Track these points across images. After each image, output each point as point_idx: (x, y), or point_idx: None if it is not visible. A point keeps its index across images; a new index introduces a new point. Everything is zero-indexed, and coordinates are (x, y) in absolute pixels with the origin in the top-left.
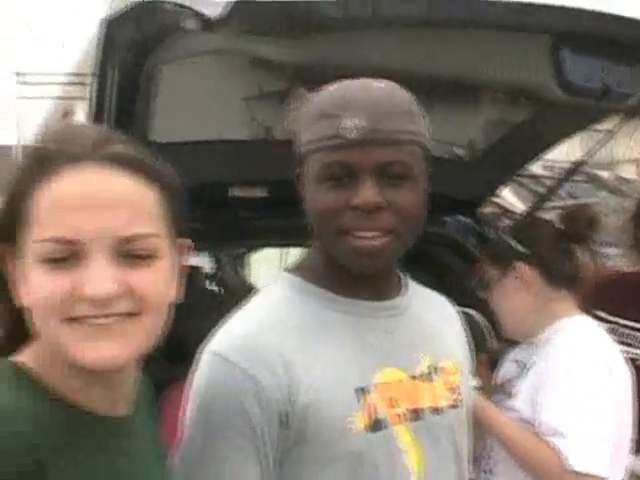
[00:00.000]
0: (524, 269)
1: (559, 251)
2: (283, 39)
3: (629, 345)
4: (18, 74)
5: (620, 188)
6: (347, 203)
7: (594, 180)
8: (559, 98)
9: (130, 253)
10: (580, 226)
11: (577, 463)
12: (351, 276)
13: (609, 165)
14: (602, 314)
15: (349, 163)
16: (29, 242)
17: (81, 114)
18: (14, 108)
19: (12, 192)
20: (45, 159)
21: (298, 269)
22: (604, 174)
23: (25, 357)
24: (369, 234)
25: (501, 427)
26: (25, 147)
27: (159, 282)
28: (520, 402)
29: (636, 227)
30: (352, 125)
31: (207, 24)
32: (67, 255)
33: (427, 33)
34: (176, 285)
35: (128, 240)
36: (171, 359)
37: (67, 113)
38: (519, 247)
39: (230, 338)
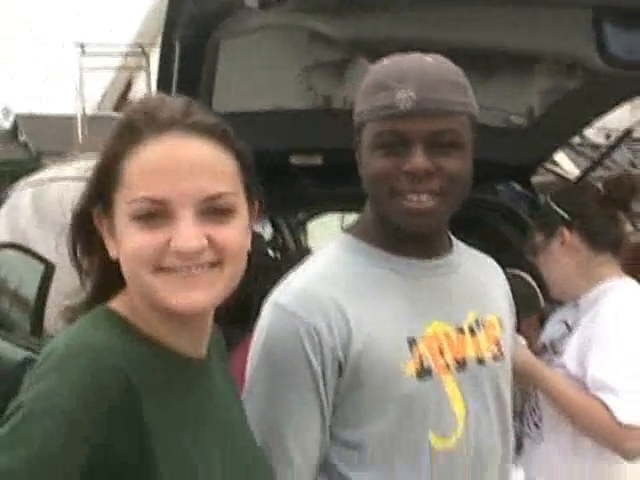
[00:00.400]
0: (567, 234)
1: (602, 216)
2: (334, 16)
3: None
4: (79, 45)
5: None
6: (399, 168)
7: None
8: (603, 69)
9: (212, 210)
10: (623, 192)
11: (626, 416)
12: (403, 235)
13: None
14: None
15: (401, 132)
16: (121, 202)
17: (141, 84)
18: (75, 79)
19: (105, 157)
20: (136, 127)
21: (353, 230)
22: None
23: (115, 304)
24: (421, 197)
25: (550, 382)
26: (86, 117)
27: (237, 235)
28: (568, 359)
29: None
30: (405, 97)
31: (266, 2)
32: (157, 213)
33: (476, 10)
34: (249, 241)
35: (212, 198)
36: (234, 322)
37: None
38: (563, 213)
39: (289, 290)
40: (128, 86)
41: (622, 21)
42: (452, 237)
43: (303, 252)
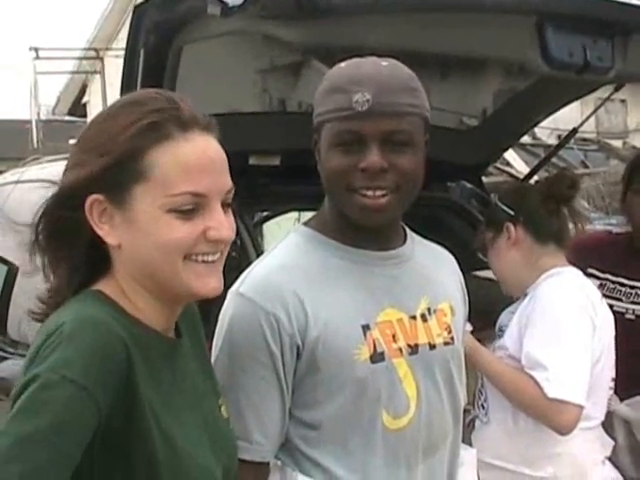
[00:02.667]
0: (512, 229)
1: (544, 210)
2: (294, 23)
3: (619, 300)
4: (33, 49)
5: (631, 157)
6: (356, 166)
7: (606, 149)
8: (546, 72)
9: (226, 202)
10: (563, 187)
11: (555, 391)
12: (358, 229)
13: (621, 134)
14: (593, 271)
15: (358, 131)
16: (151, 195)
17: (96, 87)
18: (30, 83)
19: (121, 151)
20: (160, 124)
21: (311, 223)
22: (616, 143)
23: (101, 287)
24: (376, 193)
25: (489, 364)
26: (40, 121)
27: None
28: (508, 340)
29: (625, 190)
30: (362, 99)
31: (228, 9)
32: (194, 206)
33: (429, 16)
34: None
35: (229, 191)
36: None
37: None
38: (507, 210)
39: (250, 280)
40: (83, 90)
41: (563, 26)
42: (407, 230)
43: (261, 251)
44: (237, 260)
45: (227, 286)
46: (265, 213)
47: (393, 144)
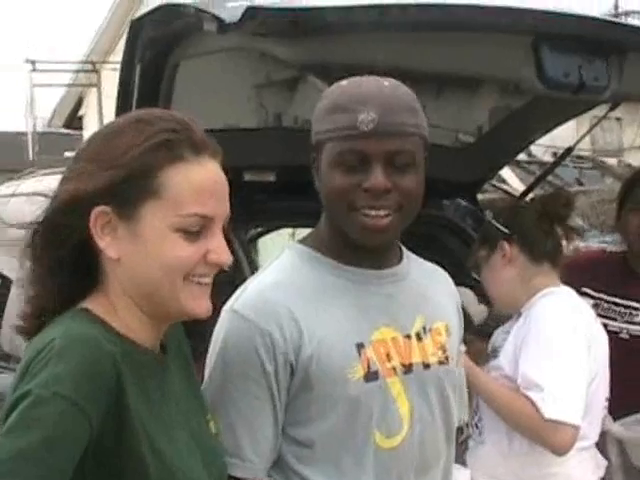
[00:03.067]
0: (507, 247)
1: (540, 230)
2: (290, 40)
3: (613, 319)
4: (30, 61)
5: (627, 175)
6: (359, 185)
7: (601, 167)
8: (542, 91)
9: (223, 227)
10: (557, 206)
11: (552, 412)
12: (356, 248)
13: (616, 152)
14: (588, 290)
15: (362, 151)
16: (161, 212)
17: (92, 100)
18: (26, 95)
19: (134, 166)
20: (174, 145)
21: (307, 240)
22: (611, 161)
23: (89, 305)
24: (379, 212)
25: (484, 384)
26: (36, 133)
27: None
28: (503, 360)
29: (620, 208)
30: (367, 119)
31: (223, 26)
32: (200, 229)
33: (426, 35)
34: None
35: (227, 217)
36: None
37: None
38: (502, 228)
39: (245, 297)
40: (79, 103)
41: (559, 46)
42: (403, 248)
43: (255, 267)
44: (231, 276)
45: (222, 302)
46: (259, 229)
47: (396, 164)
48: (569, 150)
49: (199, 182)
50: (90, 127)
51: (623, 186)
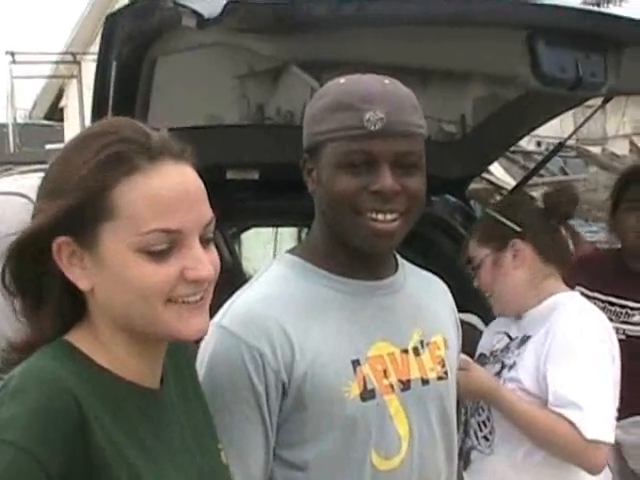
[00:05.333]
0: (521, 245)
1: (549, 228)
2: (272, 36)
3: (609, 320)
4: (10, 53)
5: (611, 164)
6: (366, 188)
7: (585, 156)
8: (537, 87)
9: (205, 236)
10: (563, 205)
11: (592, 432)
12: (353, 257)
13: (600, 141)
14: (582, 290)
15: (370, 152)
16: (119, 234)
17: (73, 92)
18: (6, 87)
19: (85, 188)
20: (125, 156)
21: (298, 250)
22: (595, 150)
23: (72, 338)
24: (387, 217)
25: (509, 402)
26: (17, 125)
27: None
28: (523, 374)
29: (613, 205)
30: (375, 118)
31: (202, 22)
32: (168, 245)
33: (414, 29)
34: None
35: (209, 223)
36: None
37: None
38: (513, 225)
39: (233, 312)
40: (60, 94)
41: (555, 41)
42: (398, 257)
43: (238, 265)
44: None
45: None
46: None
47: (404, 166)
48: (561, 144)
49: (155, 193)
50: (71, 118)
51: (617, 183)
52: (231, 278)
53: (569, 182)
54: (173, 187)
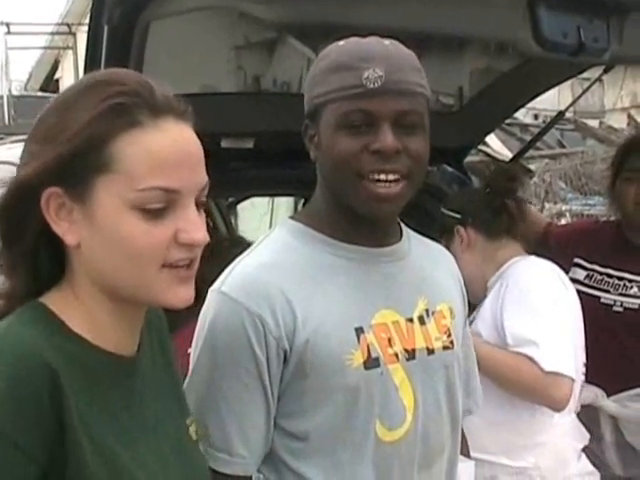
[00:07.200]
0: (463, 231)
1: (490, 208)
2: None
3: (607, 291)
4: (4, 24)
5: (608, 137)
6: (366, 148)
7: (582, 129)
8: (538, 53)
9: (201, 200)
10: (502, 181)
11: (551, 365)
12: (356, 223)
13: (598, 114)
14: (580, 261)
15: (370, 111)
16: (116, 188)
17: (68, 64)
18: (1, 58)
19: (82, 137)
20: (127, 109)
21: (300, 216)
22: (593, 123)
23: (47, 300)
24: (389, 176)
25: (489, 355)
26: (12, 97)
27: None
28: (481, 325)
29: (614, 176)
30: (373, 76)
31: None
32: (164, 205)
33: None
34: None
35: (205, 187)
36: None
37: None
38: (454, 215)
39: (234, 278)
40: (55, 66)
41: (557, 5)
42: (403, 226)
43: (234, 235)
44: (210, 245)
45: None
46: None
47: (405, 125)
48: (560, 114)
49: (157, 150)
50: None
51: (617, 154)
52: (226, 249)
53: (504, 162)
54: (175, 146)
